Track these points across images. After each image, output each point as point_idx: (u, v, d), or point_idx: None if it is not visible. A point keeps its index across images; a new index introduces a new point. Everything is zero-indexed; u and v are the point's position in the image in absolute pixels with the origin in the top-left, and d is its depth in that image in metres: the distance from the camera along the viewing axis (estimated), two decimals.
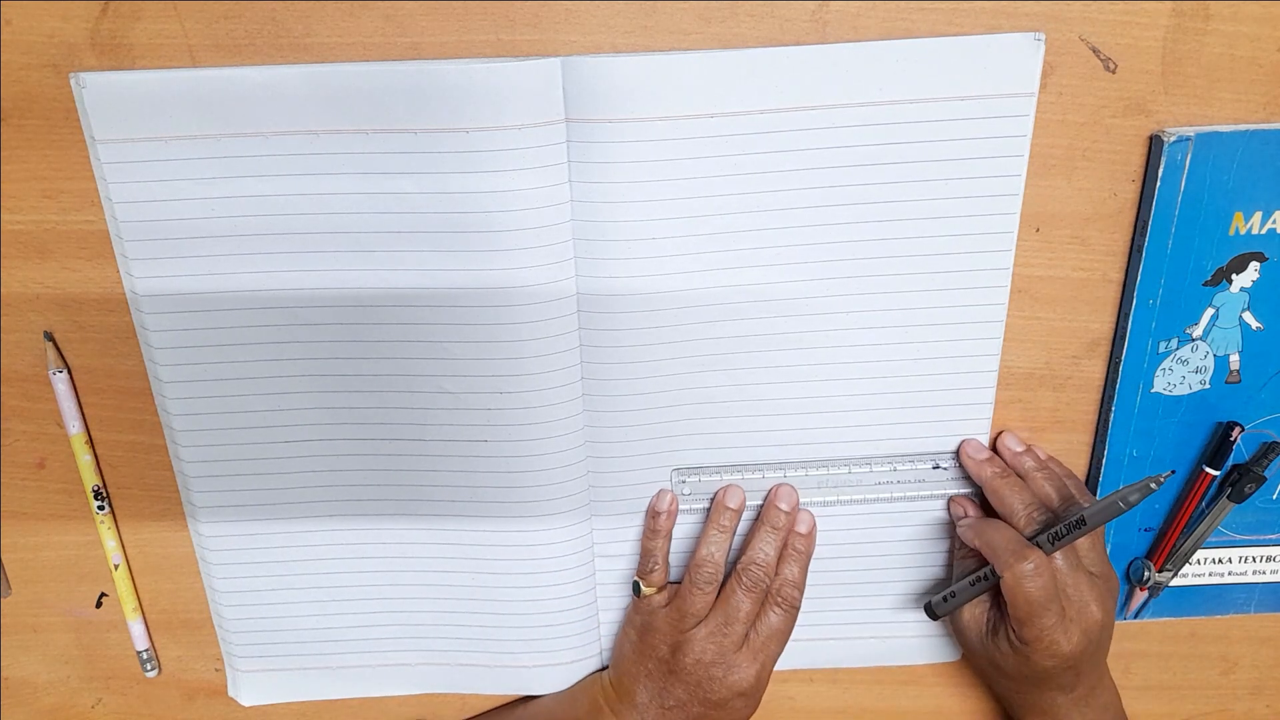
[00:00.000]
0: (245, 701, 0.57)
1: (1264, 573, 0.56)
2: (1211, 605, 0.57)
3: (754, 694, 0.51)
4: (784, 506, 0.51)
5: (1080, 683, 0.50)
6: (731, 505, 0.51)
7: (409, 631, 0.55)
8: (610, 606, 0.55)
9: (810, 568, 0.52)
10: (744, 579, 0.50)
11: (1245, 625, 0.58)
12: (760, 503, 0.52)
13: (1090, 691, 0.51)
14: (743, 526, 0.52)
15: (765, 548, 0.51)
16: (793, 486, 0.51)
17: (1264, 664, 0.59)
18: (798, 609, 0.51)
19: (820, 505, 0.52)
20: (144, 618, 0.55)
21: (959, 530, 0.51)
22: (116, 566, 0.54)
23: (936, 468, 0.52)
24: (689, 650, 0.50)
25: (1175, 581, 0.56)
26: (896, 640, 0.57)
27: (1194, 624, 0.58)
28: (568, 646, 0.55)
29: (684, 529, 0.53)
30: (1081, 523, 0.46)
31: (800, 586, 0.51)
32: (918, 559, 0.54)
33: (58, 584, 0.55)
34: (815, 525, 0.52)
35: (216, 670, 0.57)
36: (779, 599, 0.50)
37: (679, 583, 0.52)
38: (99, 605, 0.55)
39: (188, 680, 0.57)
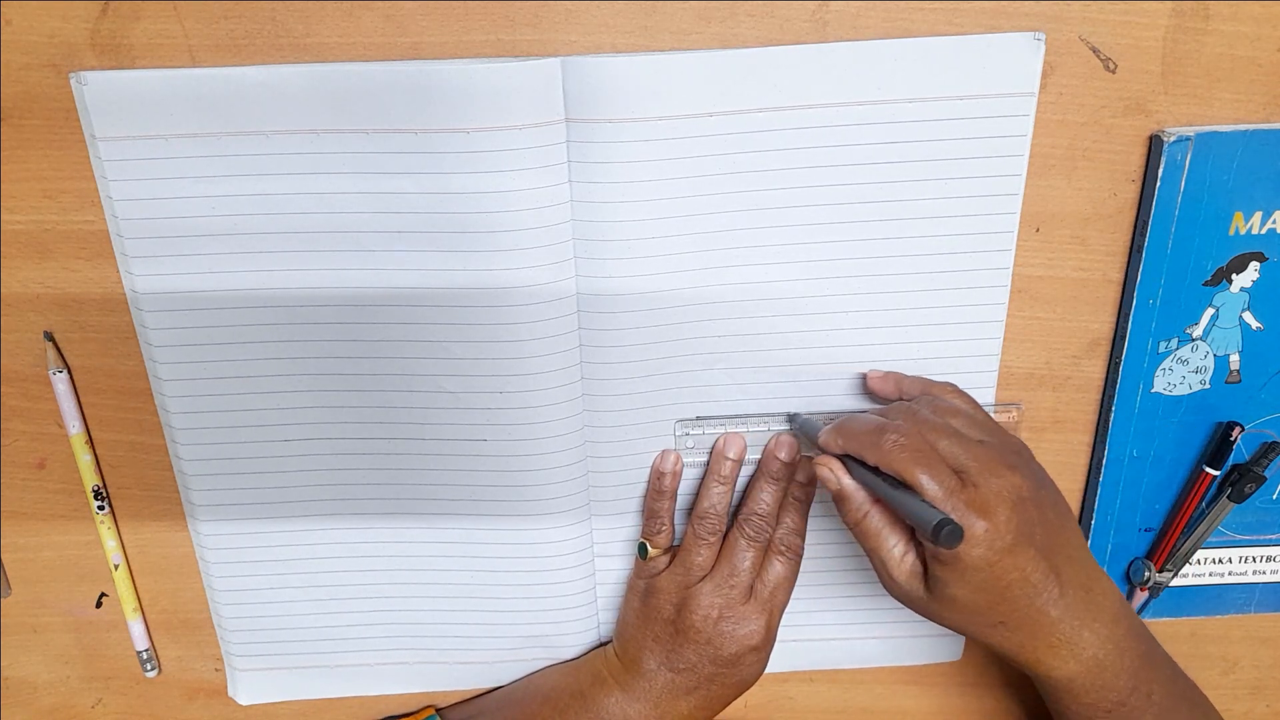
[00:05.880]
0: (243, 700, 0.57)
1: (1264, 573, 0.56)
2: (1211, 605, 0.57)
3: (764, 647, 0.50)
4: (783, 456, 0.50)
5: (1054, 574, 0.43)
6: (731, 455, 0.50)
7: (408, 630, 0.55)
8: (610, 606, 0.55)
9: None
10: (746, 529, 0.50)
11: (1245, 625, 0.58)
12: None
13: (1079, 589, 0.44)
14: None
15: (765, 498, 0.50)
16: (793, 435, 0.50)
17: (1264, 664, 0.59)
18: (801, 557, 0.51)
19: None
20: (144, 618, 0.55)
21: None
22: (116, 566, 0.54)
23: None
24: (695, 606, 0.49)
25: (1175, 582, 0.56)
26: (896, 640, 0.57)
27: (1194, 624, 0.58)
28: (567, 645, 0.55)
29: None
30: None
31: (802, 534, 0.51)
32: None
33: (58, 584, 0.55)
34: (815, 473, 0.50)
35: (216, 670, 0.57)
36: (782, 548, 0.50)
37: (680, 546, 0.51)
38: (99, 605, 0.55)
39: (188, 680, 0.57)
